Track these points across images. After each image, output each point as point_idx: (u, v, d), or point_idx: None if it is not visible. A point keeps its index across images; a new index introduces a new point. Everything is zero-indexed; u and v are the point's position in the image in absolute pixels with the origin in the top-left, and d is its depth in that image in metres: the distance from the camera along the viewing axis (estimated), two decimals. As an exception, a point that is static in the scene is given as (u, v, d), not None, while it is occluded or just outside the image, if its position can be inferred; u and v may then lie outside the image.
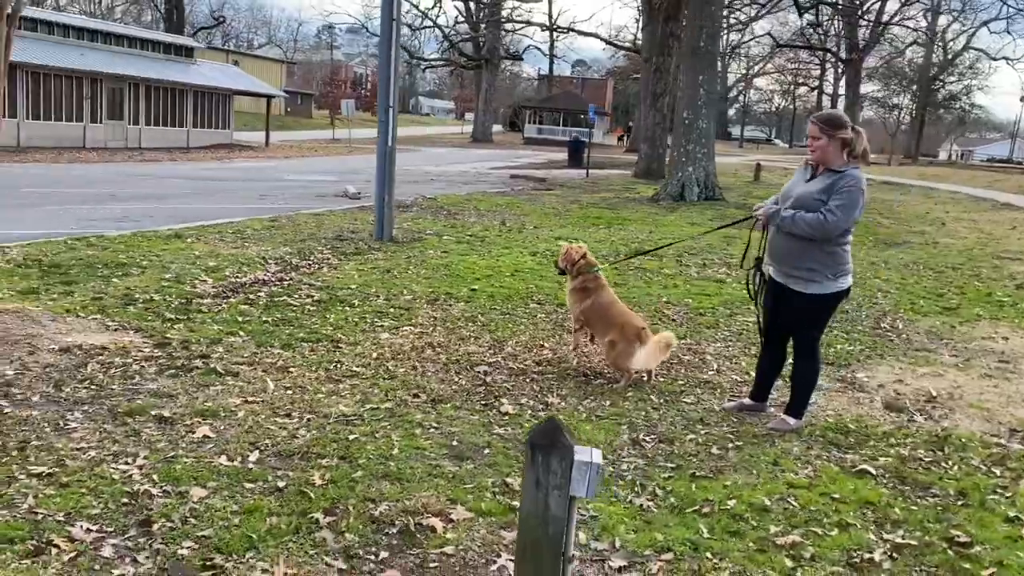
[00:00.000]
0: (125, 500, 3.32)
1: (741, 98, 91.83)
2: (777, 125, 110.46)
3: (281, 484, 3.55)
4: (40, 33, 28.94)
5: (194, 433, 4.02)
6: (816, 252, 4.34)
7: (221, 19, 60.74)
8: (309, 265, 8.50)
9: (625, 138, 61.40)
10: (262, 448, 3.92)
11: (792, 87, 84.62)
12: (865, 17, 41.15)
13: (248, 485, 3.54)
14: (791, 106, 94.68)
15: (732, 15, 46.99)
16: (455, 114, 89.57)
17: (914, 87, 65.27)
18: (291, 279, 7.73)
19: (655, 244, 11.36)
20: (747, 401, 4.97)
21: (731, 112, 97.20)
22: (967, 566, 3.25)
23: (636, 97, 40.16)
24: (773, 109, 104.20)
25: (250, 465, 3.73)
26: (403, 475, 3.73)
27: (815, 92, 79.66)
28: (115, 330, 5.73)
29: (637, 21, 67.62)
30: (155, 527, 3.13)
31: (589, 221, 13.76)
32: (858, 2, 40.75)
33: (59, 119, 27.72)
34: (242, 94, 37.54)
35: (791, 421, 4.68)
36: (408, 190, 18.04)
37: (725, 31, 59.81)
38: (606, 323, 5.48)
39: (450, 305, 7.18)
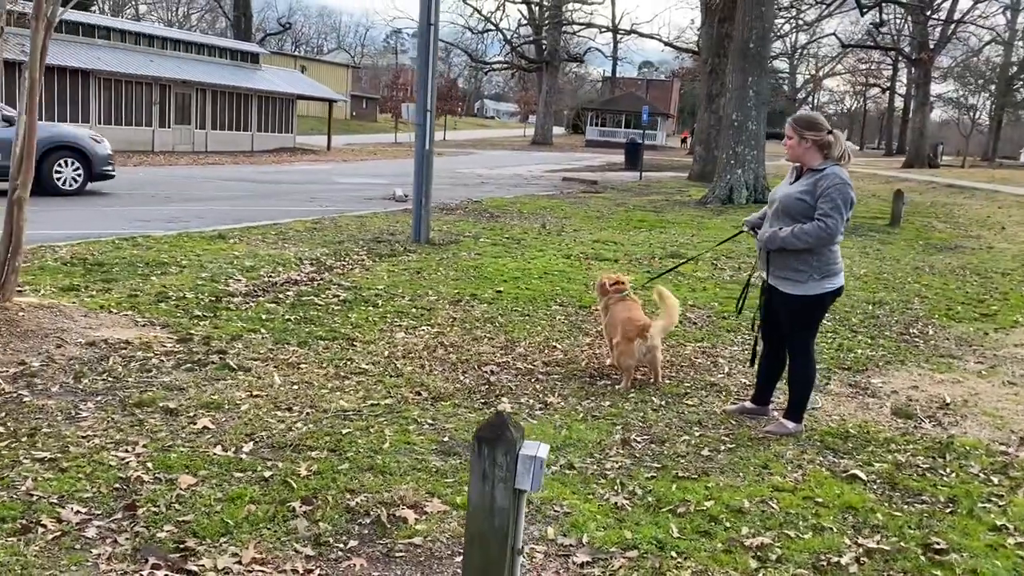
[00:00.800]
0: (117, 485, 3.51)
1: (811, 99, 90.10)
2: (849, 127, 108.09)
3: (267, 474, 3.70)
4: (113, 41, 30.19)
5: (195, 424, 4.21)
6: (804, 253, 4.32)
7: (288, 25, 62.23)
8: (343, 266, 8.72)
9: (689, 140, 60.87)
10: (257, 440, 4.08)
11: (863, 88, 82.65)
12: (935, 16, 39.89)
13: (237, 474, 3.70)
14: (863, 107, 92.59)
15: (799, 15, 46.07)
16: (519, 116, 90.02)
17: (992, 87, 63.00)
18: (322, 279, 7.95)
19: (695, 247, 11.31)
20: (748, 404, 4.95)
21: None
22: (937, 573, 3.21)
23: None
24: (844, 110, 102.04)
25: (242, 455, 3.89)
26: (387, 468, 3.85)
27: (887, 93, 77.67)
28: (143, 326, 6.00)
29: (693, 22, 67.11)
30: (140, 511, 3.30)
31: (632, 224, 13.73)
32: (927, 0, 39.54)
33: (129, 124, 28.82)
34: (304, 98, 38.43)
35: (789, 425, 4.65)
36: (457, 193, 18.29)
37: (793, 31, 58.80)
38: (615, 329, 5.51)
39: (472, 306, 7.29)
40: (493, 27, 56.92)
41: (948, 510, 3.78)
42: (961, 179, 29.56)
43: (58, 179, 14.17)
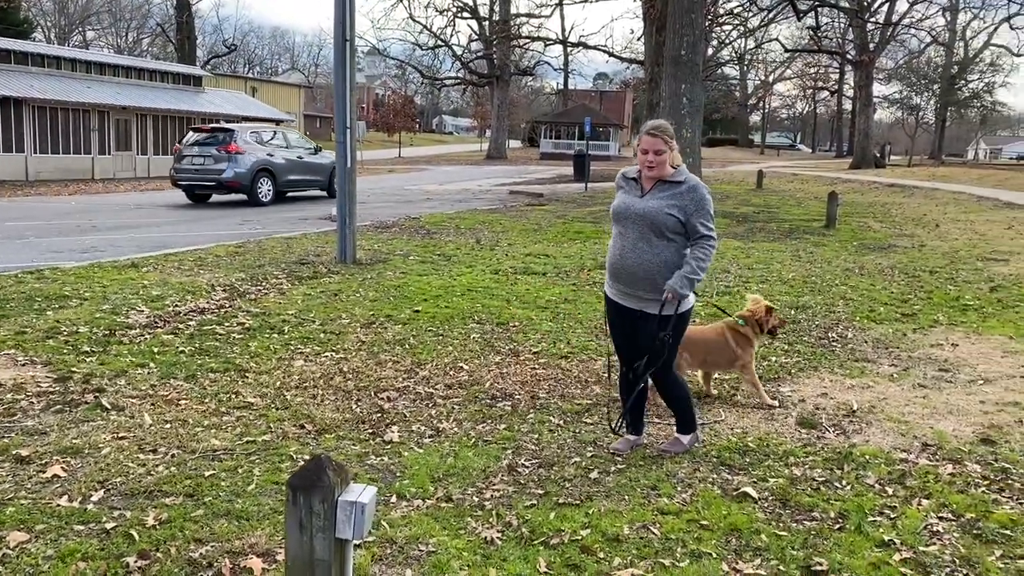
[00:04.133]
0: (-63, 547, 3.22)
1: (762, 104, 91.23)
2: (801, 130, 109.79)
3: (111, 525, 3.43)
4: (49, 68, 29.55)
5: (45, 472, 3.92)
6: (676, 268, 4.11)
7: (233, 47, 61.61)
8: (257, 291, 8.43)
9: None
10: (109, 487, 3.80)
11: (813, 91, 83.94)
12: (873, 19, 40.55)
13: (77, 527, 3.42)
14: (813, 110, 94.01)
15: (744, 22, 46.64)
16: (477, 131, 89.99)
17: (935, 87, 64.30)
18: (231, 306, 7.66)
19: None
20: (632, 436, 4.61)
21: (755, 119, 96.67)
22: (813, 598, 3.04)
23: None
24: (796, 114, 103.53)
25: (89, 505, 3.62)
26: (246, 513, 3.59)
27: (835, 96, 78.97)
28: (23, 365, 5.67)
29: (633, 32, 67.51)
30: (-46, 576, 3.02)
31: (568, 236, 13.58)
32: (866, 3, 40.16)
33: (67, 152, 28.15)
34: (251, 120, 37.86)
35: (685, 440, 4.46)
36: (399, 210, 18.04)
37: (740, 38, 59.47)
38: None
39: (385, 328, 7.05)
40: (443, 43, 56.80)
41: (837, 527, 3.62)
42: (904, 178, 29.96)
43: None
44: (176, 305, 7.64)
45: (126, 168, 30.20)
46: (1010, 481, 4.12)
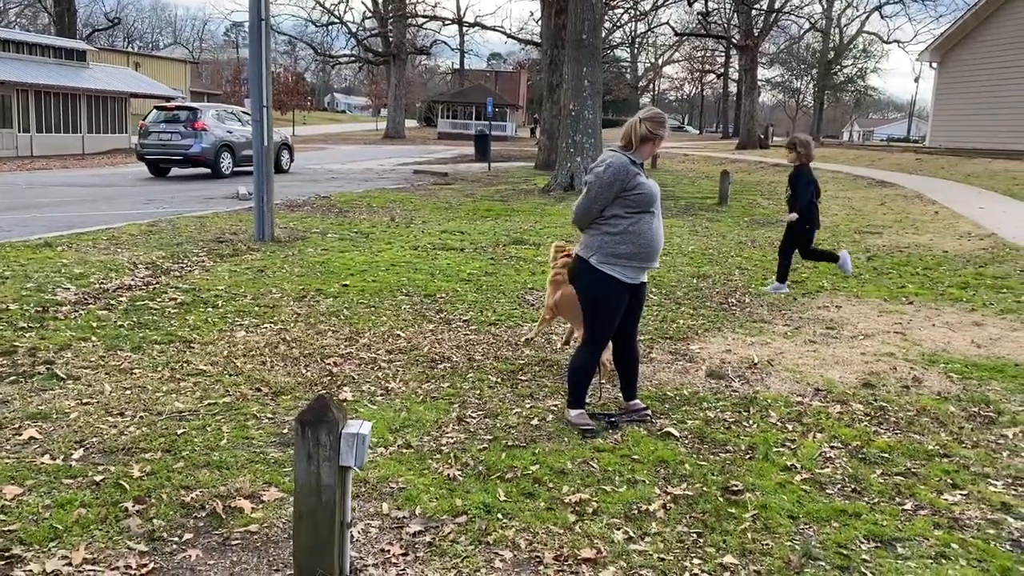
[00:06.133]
0: (-65, 502, 3.41)
1: (652, 87, 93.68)
2: (688, 112, 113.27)
3: (99, 478, 3.69)
4: (-84, 40, 27.77)
5: (20, 435, 4.11)
6: None
7: (116, 20, 58.86)
8: (180, 269, 8.52)
9: (537, 130, 61.96)
10: (87, 446, 4.04)
11: (700, 75, 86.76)
12: (757, 5, 42.45)
13: (66, 481, 3.66)
14: (700, 93, 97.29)
15: (636, 5, 47.93)
16: (371, 110, 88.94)
17: (813, 71, 67.58)
18: (158, 283, 7.76)
19: (539, 234, 11.71)
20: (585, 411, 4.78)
21: (645, 101, 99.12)
22: (732, 511, 3.61)
23: (543, 89, 40.20)
24: (684, 96, 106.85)
25: (72, 462, 3.85)
26: (224, 463, 3.90)
27: (721, 79, 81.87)
28: (-39, 341, 5.71)
29: (532, 14, 68.23)
30: (-39, 525, 3.24)
31: (479, 214, 14.01)
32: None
33: (-59, 129, 26.63)
34: (139, 96, 36.57)
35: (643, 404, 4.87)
36: (305, 189, 18.04)
37: (632, 21, 60.98)
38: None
39: (317, 302, 7.33)
40: (337, 20, 55.94)
41: (748, 456, 4.21)
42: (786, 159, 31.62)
43: (281, 163, 22.37)
44: (102, 282, 7.69)
45: (7, 147, 28.74)
46: (887, 416, 4.83)
